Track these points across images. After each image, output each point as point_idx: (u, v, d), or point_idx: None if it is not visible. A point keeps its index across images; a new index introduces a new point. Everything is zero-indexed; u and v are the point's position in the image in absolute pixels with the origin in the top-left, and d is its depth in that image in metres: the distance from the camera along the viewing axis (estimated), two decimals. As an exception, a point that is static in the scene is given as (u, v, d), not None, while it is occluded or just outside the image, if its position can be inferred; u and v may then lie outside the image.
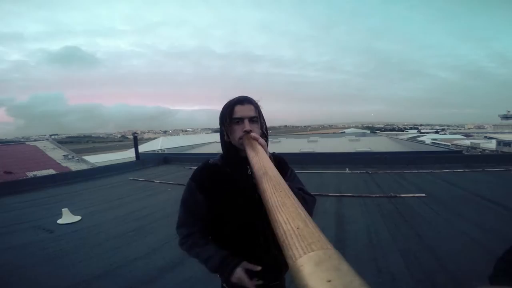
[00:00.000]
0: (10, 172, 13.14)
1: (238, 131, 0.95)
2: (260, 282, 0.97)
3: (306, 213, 0.46)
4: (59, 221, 4.45)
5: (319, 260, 0.32)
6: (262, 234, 1.00)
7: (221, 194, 0.99)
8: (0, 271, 2.83)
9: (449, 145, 22.60)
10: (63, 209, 4.61)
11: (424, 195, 5.26)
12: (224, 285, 1.18)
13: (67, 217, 4.53)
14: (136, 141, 13.73)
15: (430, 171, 7.98)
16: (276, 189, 0.57)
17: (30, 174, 13.00)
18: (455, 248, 2.94)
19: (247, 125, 0.94)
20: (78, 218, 4.61)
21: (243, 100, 0.97)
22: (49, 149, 18.23)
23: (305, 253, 0.34)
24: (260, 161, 0.76)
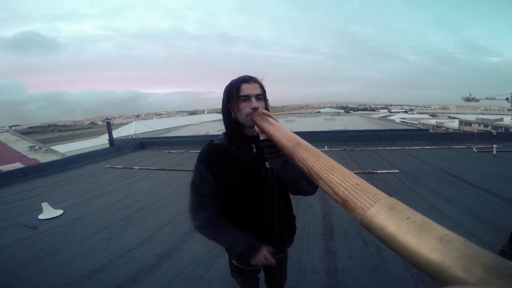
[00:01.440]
0: (-29, 168, 12.08)
1: (245, 109, 0.98)
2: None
3: (356, 176, 0.50)
4: (40, 217, 4.26)
5: (391, 205, 0.39)
6: (269, 209, 1.10)
7: (230, 174, 1.03)
8: None
9: (417, 124, 24.07)
10: (43, 204, 4.39)
11: (398, 171, 5.66)
12: (233, 261, 1.27)
13: (48, 212, 4.33)
14: (109, 127, 13.11)
15: (401, 148, 8.53)
16: (317, 156, 0.60)
17: (-6, 169, 12.05)
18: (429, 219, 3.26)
19: (254, 102, 0.98)
20: (60, 212, 4.44)
21: (249, 79, 1.01)
22: (11, 141, 16.90)
23: (375, 202, 0.40)
24: (285, 133, 0.77)
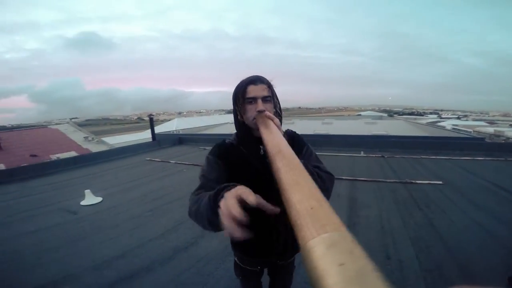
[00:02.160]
0: (35, 155, 13.85)
1: (251, 111, 0.96)
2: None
3: (320, 193, 0.45)
4: (82, 203, 4.68)
5: (332, 242, 0.32)
6: (274, 217, 1.05)
7: (237, 172, 1.01)
8: (28, 253, 3.04)
9: (471, 131, 21.63)
10: (85, 191, 4.84)
11: (440, 182, 5.13)
12: (235, 258, 1.24)
13: (90, 199, 4.76)
14: (152, 122, 13.98)
15: (448, 157, 7.71)
16: (289, 167, 0.56)
17: (54, 156, 13.64)
18: (468, 239, 2.89)
19: (260, 105, 0.94)
20: (99, 199, 4.84)
21: (256, 80, 0.98)
22: (70, 132, 18.96)
23: (318, 234, 0.33)
24: (273, 139, 0.75)
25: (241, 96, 0.97)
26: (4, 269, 2.72)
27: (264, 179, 0.99)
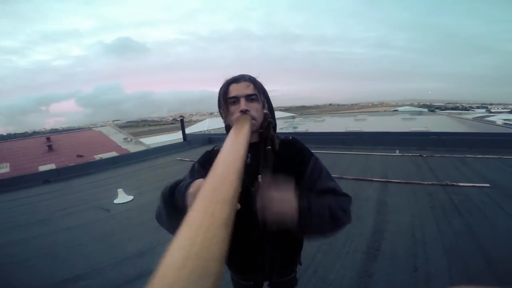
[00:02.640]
0: (81, 156, 15.18)
1: (235, 112, 0.86)
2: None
3: (212, 239, 0.33)
4: (115, 201, 5.00)
5: None
6: (256, 233, 0.92)
7: None
8: (60, 248, 3.31)
9: (526, 126, 19.19)
10: (118, 190, 5.16)
11: (488, 185, 4.55)
12: (230, 272, 1.17)
13: (122, 197, 5.07)
14: (182, 123, 14.50)
15: (499, 156, 6.82)
16: (205, 196, 0.42)
17: (97, 156, 14.81)
18: (514, 251, 2.50)
19: (242, 104, 0.85)
20: (130, 197, 5.13)
21: (239, 78, 0.88)
22: (111, 133, 20.47)
23: None
24: (228, 152, 0.61)
25: (222, 96, 0.88)
26: (38, 263, 3.00)
27: (248, 192, 0.89)
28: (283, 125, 21.38)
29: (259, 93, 0.89)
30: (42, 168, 12.61)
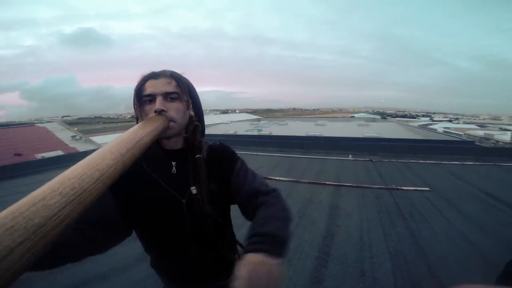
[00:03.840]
0: (20, 154, 13.43)
1: (150, 113, 0.72)
2: None
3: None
4: None
5: None
6: (190, 247, 0.80)
7: (136, 198, 0.75)
8: None
9: (461, 134, 21.79)
10: None
11: (428, 189, 4.99)
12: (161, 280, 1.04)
13: None
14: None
15: (438, 162, 7.61)
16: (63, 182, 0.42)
17: (39, 155, 13.25)
18: (451, 253, 2.70)
19: (158, 103, 0.70)
20: None
21: (158, 74, 0.74)
22: (58, 130, 18.53)
23: None
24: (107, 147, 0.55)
25: (136, 94, 0.73)
26: None
27: (178, 207, 0.75)
28: (248, 127, 21.46)
29: (183, 92, 0.74)
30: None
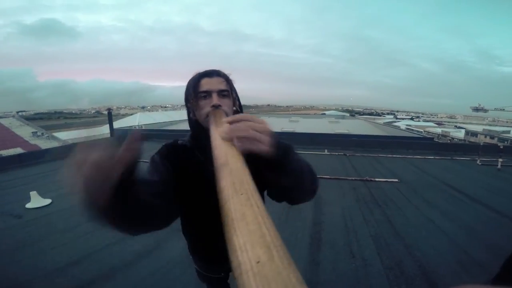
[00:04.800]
0: (-29, 150, 12.17)
1: (205, 107, 0.82)
2: None
3: (274, 233, 0.33)
4: (28, 206, 4.18)
5: None
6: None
7: (188, 180, 0.85)
8: None
9: (422, 131, 23.74)
10: (31, 192, 4.32)
11: (396, 180, 5.51)
12: (196, 267, 1.16)
13: (36, 201, 4.26)
14: (110, 117, 13.05)
15: (403, 156, 8.35)
16: (236, 190, 0.43)
17: (-5, 152, 12.11)
18: (422, 236, 3.11)
19: (215, 99, 0.82)
20: (48, 201, 4.36)
21: (211, 73, 0.85)
22: (15, 126, 17.00)
23: None
24: (221, 145, 0.60)
25: (193, 89, 0.84)
26: None
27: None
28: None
29: (231, 90, 0.88)
30: None
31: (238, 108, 0.93)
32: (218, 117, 0.77)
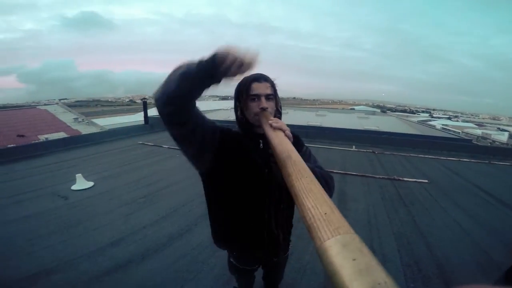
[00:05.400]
0: (23, 135, 13.47)
1: (254, 108, 0.98)
2: None
3: (330, 200, 0.51)
4: (73, 187, 4.57)
5: (345, 242, 0.38)
6: (267, 211, 1.06)
7: (234, 160, 1.01)
8: (19, 240, 2.97)
9: (459, 132, 22.16)
10: (76, 175, 4.73)
11: (426, 181, 5.32)
12: (231, 259, 1.29)
13: (81, 183, 4.66)
14: (145, 106, 13.70)
15: (436, 157, 7.95)
16: (301, 174, 0.59)
17: (42, 137, 13.32)
18: (446, 237, 3.07)
19: (263, 102, 0.97)
20: (91, 184, 4.76)
21: (260, 78, 0.99)
22: (59, 113, 18.53)
23: (333, 236, 0.40)
24: (281, 143, 0.77)
25: (244, 92, 0.98)
26: None
27: (262, 173, 1.02)
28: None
29: (275, 94, 1.03)
30: (-27, 149, 10.96)
31: (280, 108, 1.08)
32: (267, 118, 0.93)
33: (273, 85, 1.02)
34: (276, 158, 0.75)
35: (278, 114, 1.06)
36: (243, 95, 1.00)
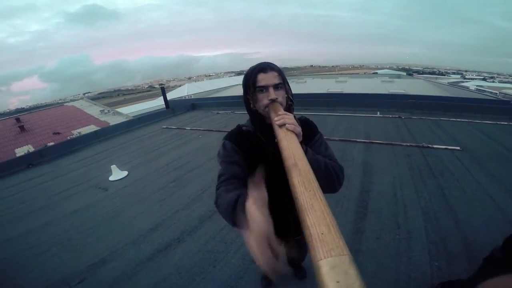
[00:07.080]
0: (58, 133, 14.43)
1: (263, 100, 0.96)
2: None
3: (331, 216, 0.51)
4: (111, 178, 4.90)
5: (334, 264, 0.42)
6: (289, 200, 1.11)
7: (254, 158, 1.01)
8: (74, 233, 3.29)
9: (497, 93, 20.21)
10: (111, 166, 5.04)
11: (458, 148, 4.97)
12: (263, 275, 1.36)
13: (117, 174, 4.98)
14: (164, 91, 13.95)
15: (470, 120, 7.30)
16: (306, 187, 0.59)
17: (75, 132, 14.18)
18: (477, 213, 2.87)
19: (272, 94, 0.95)
20: (125, 173, 5.06)
21: (266, 68, 0.97)
22: (86, 107, 19.50)
23: (325, 257, 0.43)
24: (289, 146, 0.76)
25: (251, 85, 0.97)
26: (58, 251, 2.97)
27: (281, 166, 1.06)
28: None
29: (284, 82, 1.01)
30: (19, 151, 11.95)
31: (291, 96, 1.06)
32: (276, 109, 0.92)
33: (280, 73, 0.99)
34: (284, 162, 0.74)
35: (289, 101, 1.04)
36: (250, 88, 0.98)
